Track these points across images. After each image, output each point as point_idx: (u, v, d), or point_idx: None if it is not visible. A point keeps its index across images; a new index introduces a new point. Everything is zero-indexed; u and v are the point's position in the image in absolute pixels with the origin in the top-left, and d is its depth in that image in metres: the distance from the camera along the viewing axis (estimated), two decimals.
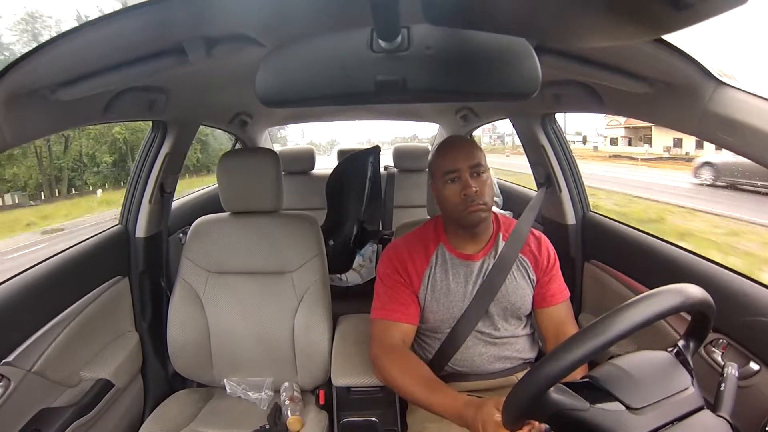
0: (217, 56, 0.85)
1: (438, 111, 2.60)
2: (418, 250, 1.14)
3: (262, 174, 1.39)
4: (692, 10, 0.42)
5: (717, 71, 0.78)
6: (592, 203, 1.64)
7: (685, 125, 0.90)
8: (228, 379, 1.39)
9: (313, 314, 1.37)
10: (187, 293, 1.40)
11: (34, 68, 0.73)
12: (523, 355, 1.16)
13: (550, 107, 1.44)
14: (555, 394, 0.61)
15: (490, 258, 1.13)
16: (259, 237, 1.41)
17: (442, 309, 1.11)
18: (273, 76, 0.66)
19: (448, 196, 1.07)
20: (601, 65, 0.89)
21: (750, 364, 0.89)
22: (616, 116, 2.13)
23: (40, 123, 0.89)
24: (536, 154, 1.64)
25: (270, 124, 2.85)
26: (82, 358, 1.24)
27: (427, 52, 0.61)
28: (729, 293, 0.95)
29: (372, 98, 0.66)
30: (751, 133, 0.74)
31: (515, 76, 0.63)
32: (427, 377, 0.98)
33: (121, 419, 1.34)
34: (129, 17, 0.67)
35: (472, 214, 1.05)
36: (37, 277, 1.13)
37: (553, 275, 1.16)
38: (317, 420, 1.28)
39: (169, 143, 1.52)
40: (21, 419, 1.03)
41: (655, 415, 0.60)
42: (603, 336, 0.58)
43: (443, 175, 1.07)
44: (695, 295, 0.64)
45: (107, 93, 1.01)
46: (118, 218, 1.55)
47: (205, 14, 0.75)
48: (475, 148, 1.08)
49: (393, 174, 2.70)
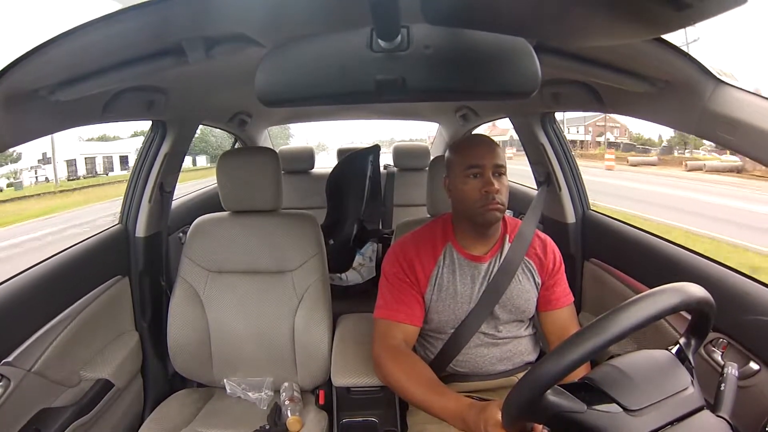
0: (216, 56, 0.85)
1: (437, 110, 2.60)
2: (426, 249, 1.13)
3: (262, 173, 1.39)
4: (692, 9, 0.42)
5: (716, 70, 0.78)
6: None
7: (684, 124, 0.90)
8: (228, 379, 1.39)
9: (313, 314, 1.37)
10: (187, 293, 1.40)
11: (33, 68, 0.73)
12: (525, 356, 1.16)
13: (550, 106, 1.44)
14: (553, 396, 0.61)
15: (497, 260, 1.12)
16: (259, 236, 1.41)
17: (448, 310, 1.11)
18: (272, 75, 0.66)
19: (468, 191, 1.05)
20: (600, 64, 0.89)
21: (750, 364, 0.88)
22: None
23: (38, 123, 0.89)
24: (536, 153, 1.64)
25: (269, 123, 2.85)
26: (82, 357, 1.24)
27: (427, 52, 0.61)
28: (729, 292, 0.95)
29: (371, 97, 0.66)
30: (751, 132, 0.74)
31: (514, 75, 0.63)
32: (429, 379, 0.97)
33: (121, 419, 1.34)
34: (128, 17, 0.67)
35: (490, 212, 1.04)
36: (37, 277, 1.13)
37: (558, 279, 1.15)
38: (317, 420, 1.28)
39: (169, 143, 1.52)
40: (21, 419, 1.03)
41: (654, 417, 0.60)
42: (602, 336, 0.58)
43: (465, 169, 1.06)
44: (695, 294, 0.63)
45: (106, 93, 1.01)
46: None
47: (205, 14, 0.75)
48: (499, 149, 1.08)
49: (393, 173, 2.70)
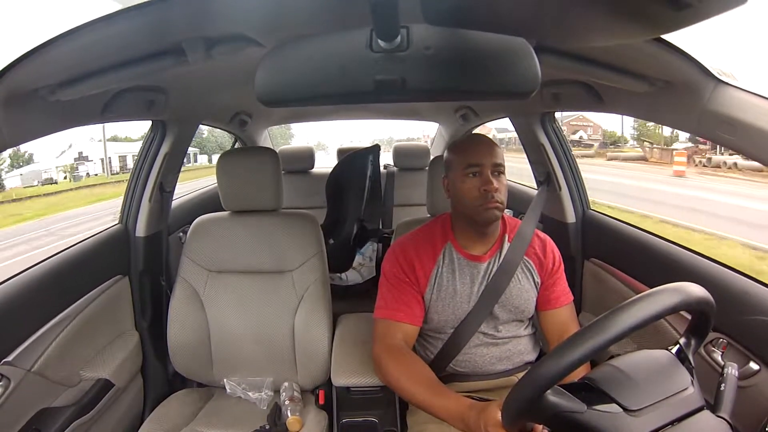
0: (216, 56, 0.85)
1: (437, 110, 2.60)
2: (425, 249, 1.13)
3: (262, 173, 1.39)
4: (692, 9, 0.42)
5: (716, 70, 0.78)
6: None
7: (684, 124, 0.90)
8: (228, 378, 1.39)
9: (313, 313, 1.37)
10: (187, 292, 1.40)
11: (33, 68, 0.73)
12: (524, 355, 1.16)
13: (550, 106, 1.44)
14: (553, 396, 0.61)
15: (496, 260, 1.12)
16: (259, 236, 1.41)
17: (447, 310, 1.11)
18: (272, 75, 0.66)
19: (467, 190, 1.06)
20: (600, 64, 0.89)
21: (750, 364, 0.88)
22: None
23: (38, 123, 0.89)
24: (536, 153, 1.64)
25: (269, 123, 2.85)
26: (82, 357, 1.24)
27: (427, 52, 0.61)
28: (729, 292, 0.95)
29: (371, 98, 0.66)
30: (751, 132, 0.74)
31: (514, 75, 0.63)
32: (429, 379, 0.97)
33: (121, 419, 1.34)
34: (128, 17, 0.67)
35: (489, 210, 1.04)
36: (37, 277, 1.13)
37: (558, 278, 1.15)
38: (317, 420, 1.28)
39: (169, 143, 1.52)
40: (21, 419, 1.03)
41: (654, 417, 0.60)
42: (602, 336, 0.58)
43: (464, 168, 1.06)
44: (695, 293, 0.63)
45: (106, 93, 1.01)
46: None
47: (204, 14, 0.75)
48: (498, 149, 1.08)
49: (393, 173, 2.70)
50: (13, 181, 11.81)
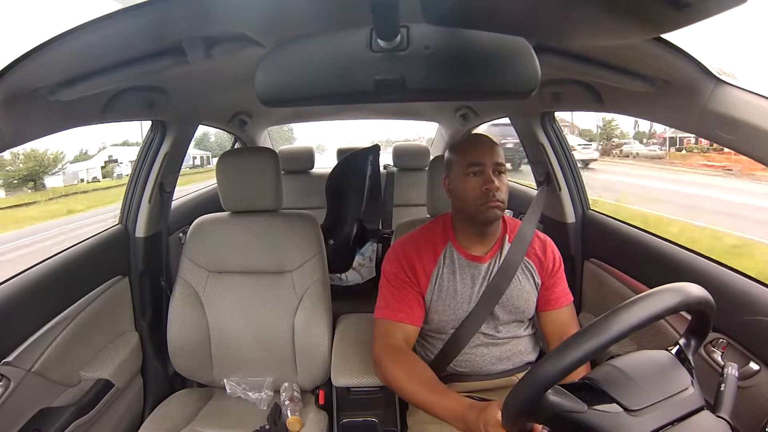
0: (216, 56, 0.85)
1: (437, 110, 2.59)
2: (426, 249, 1.13)
3: (262, 173, 1.39)
4: (692, 9, 0.42)
5: (716, 70, 0.78)
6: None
7: (684, 124, 0.90)
8: (228, 379, 1.39)
9: (313, 314, 1.37)
10: (187, 293, 1.40)
11: (34, 68, 0.73)
12: (525, 356, 1.16)
13: (550, 106, 1.44)
14: (553, 396, 0.61)
15: (497, 260, 1.12)
16: (259, 236, 1.41)
17: (448, 310, 1.11)
18: (272, 75, 0.66)
19: (468, 189, 1.06)
20: (600, 64, 0.89)
21: (750, 364, 0.88)
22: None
23: (39, 123, 0.89)
24: (535, 153, 1.64)
25: (269, 123, 2.85)
26: (82, 357, 1.24)
27: (426, 52, 0.61)
28: (729, 292, 0.95)
29: (371, 97, 0.66)
30: (751, 132, 0.74)
31: (514, 75, 0.63)
32: (429, 379, 0.97)
33: (121, 419, 1.34)
34: (128, 17, 0.67)
35: (490, 209, 1.04)
36: (36, 277, 1.13)
37: (558, 279, 1.15)
38: (317, 420, 1.28)
39: (169, 143, 1.52)
40: (21, 419, 1.03)
41: (654, 417, 0.60)
42: (602, 336, 0.58)
43: (466, 167, 1.06)
44: (695, 294, 0.63)
45: (106, 93, 1.01)
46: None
47: (204, 14, 0.75)
48: (499, 148, 1.09)
49: (392, 173, 2.70)
50: (54, 180, 12.33)
